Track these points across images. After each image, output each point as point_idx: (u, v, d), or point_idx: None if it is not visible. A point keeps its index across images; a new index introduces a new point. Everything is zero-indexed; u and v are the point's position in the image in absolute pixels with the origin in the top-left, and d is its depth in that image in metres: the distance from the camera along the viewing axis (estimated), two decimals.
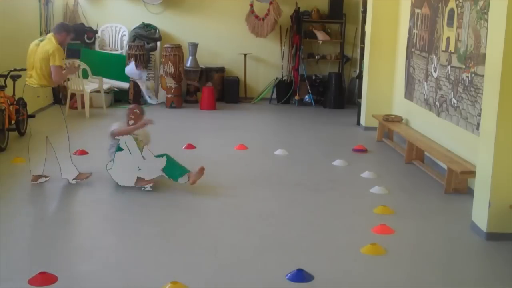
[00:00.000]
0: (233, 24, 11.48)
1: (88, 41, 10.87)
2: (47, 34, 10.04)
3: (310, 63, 11.59)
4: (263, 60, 11.65)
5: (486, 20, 5.59)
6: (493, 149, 4.68)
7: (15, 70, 7.82)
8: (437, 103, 7.08)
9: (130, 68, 10.01)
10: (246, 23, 11.35)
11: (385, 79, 9.04)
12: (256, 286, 3.96)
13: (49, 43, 5.99)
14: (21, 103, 7.97)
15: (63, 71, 6.12)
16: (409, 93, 8.24)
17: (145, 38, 10.92)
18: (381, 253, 4.50)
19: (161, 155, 5.85)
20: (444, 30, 6.91)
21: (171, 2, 11.43)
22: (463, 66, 6.30)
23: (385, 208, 5.44)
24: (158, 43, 11.12)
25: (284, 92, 11.37)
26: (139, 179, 5.86)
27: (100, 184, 6.08)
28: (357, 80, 10.35)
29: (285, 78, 11.51)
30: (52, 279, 3.92)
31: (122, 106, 10.61)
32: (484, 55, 5.35)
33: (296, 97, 11.28)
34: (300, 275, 4.03)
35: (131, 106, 6.47)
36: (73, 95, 9.83)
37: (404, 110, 8.42)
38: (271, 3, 11.15)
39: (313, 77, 11.41)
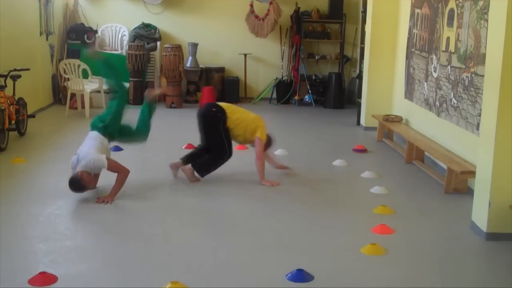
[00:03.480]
0: (233, 24, 11.48)
1: (88, 41, 10.87)
2: (47, 34, 10.16)
3: (310, 63, 11.59)
4: (263, 60, 11.65)
5: (486, 20, 5.59)
6: (493, 149, 4.68)
7: (15, 70, 7.83)
8: (437, 103, 7.08)
9: None
10: (246, 23, 11.36)
11: (385, 79, 9.04)
12: (256, 286, 3.96)
13: None
14: (21, 103, 7.98)
15: None
16: (409, 93, 8.24)
17: (145, 38, 10.92)
18: (381, 253, 4.50)
19: None
20: (444, 30, 6.91)
21: (171, 2, 11.43)
22: (463, 66, 6.29)
23: (385, 208, 5.44)
24: (158, 43, 11.12)
25: (284, 92, 11.37)
26: None
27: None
28: (357, 80, 10.35)
29: (285, 78, 11.51)
30: (52, 279, 3.92)
31: None
32: (484, 55, 5.35)
33: (296, 97, 11.28)
34: (300, 275, 4.02)
35: None
36: (73, 95, 9.83)
37: (404, 110, 8.42)
38: (271, 3, 11.15)
39: (313, 77, 11.42)
